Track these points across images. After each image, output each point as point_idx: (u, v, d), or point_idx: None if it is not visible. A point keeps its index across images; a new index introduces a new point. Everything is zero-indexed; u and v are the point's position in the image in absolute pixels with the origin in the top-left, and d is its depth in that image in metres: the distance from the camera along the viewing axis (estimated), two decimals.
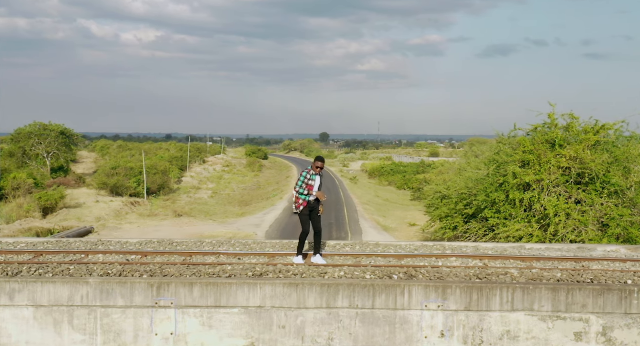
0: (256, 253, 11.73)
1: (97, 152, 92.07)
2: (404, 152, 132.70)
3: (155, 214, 54.99)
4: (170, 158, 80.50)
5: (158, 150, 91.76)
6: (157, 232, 46.77)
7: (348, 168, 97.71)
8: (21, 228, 45.96)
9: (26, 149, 69.16)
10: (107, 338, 9.44)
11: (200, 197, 68.82)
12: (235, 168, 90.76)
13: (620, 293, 9.43)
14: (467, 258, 11.63)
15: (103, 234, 45.78)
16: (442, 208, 40.14)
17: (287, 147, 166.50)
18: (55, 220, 49.84)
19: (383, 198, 73.35)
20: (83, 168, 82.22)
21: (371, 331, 9.52)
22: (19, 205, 51.74)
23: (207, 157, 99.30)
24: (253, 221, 53.38)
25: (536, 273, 10.41)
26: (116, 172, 65.41)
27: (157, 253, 11.67)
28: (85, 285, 9.37)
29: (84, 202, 57.16)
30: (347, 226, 49.44)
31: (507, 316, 9.51)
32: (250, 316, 9.48)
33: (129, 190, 62.72)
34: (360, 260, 11.46)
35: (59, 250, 11.76)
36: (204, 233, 46.05)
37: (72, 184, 65.02)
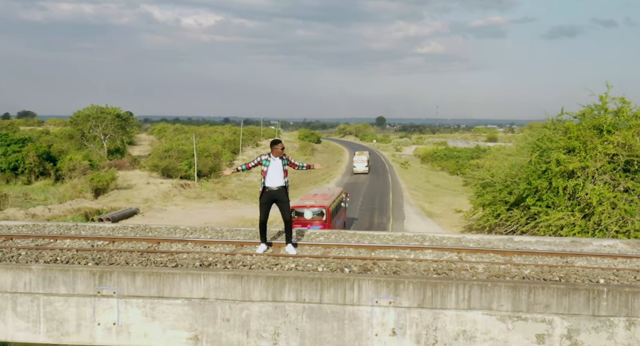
0: (225, 241, 11.42)
1: (155, 135, 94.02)
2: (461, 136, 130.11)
3: (201, 196, 55.71)
4: (224, 141, 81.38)
5: (212, 133, 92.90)
6: (200, 214, 47.38)
7: (400, 152, 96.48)
8: (70, 207, 47.36)
9: (84, 131, 71.17)
10: (50, 326, 9.33)
11: (250, 180, 69.29)
12: (287, 152, 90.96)
13: (587, 293, 8.64)
14: (444, 251, 11.00)
15: (147, 215, 46.68)
16: (485, 196, 39.01)
17: (342, 131, 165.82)
18: (105, 201, 51.15)
19: (433, 183, 72.15)
20: (139, 150, 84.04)
21: (319, 326, 9.07)
22: (73, 186, 53.38)
23: (260, 141, 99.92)
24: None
25: (503, 269, 9.71)
26: (168, 155, 66.63)
27: (125, 239, 11.51)
28: (28, 272, 9.26)
29: (135, 184, 58.45)
30: (390, 211, 48.82)
31: (463, 315, 8.87)
32: (194, 308, 9.17)
33: (180, 172, 63.79)
34: (329, 251, 10.99)
35: (30, 234, 11.75)
36: (245, 216, 46.30)
37: (126, 166, 66.61)
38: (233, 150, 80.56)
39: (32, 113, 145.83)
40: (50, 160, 59.53)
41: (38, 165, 57.81)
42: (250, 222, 44.21)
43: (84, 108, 70.37)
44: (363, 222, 43.72)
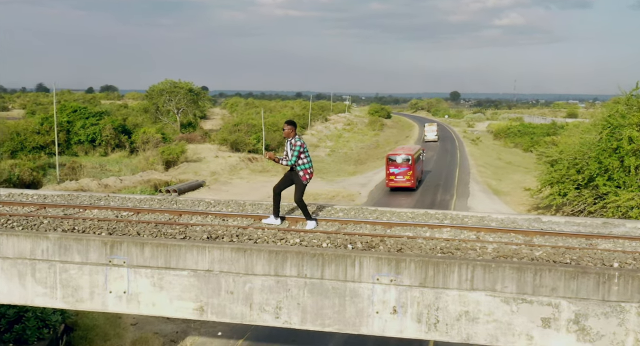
0: (244, 215, 11.53)
1: (228, 109, 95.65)
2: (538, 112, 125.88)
3: (266, 170, 56.42)
4: (293, 116, 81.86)
5: (283, 108, 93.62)
6: (263, 188, 48.01)
7: (473, 128, 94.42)
8: (141, 179, 48.96)
9: (159, 105, 73.14)
10: (66, 292, 9.73)
11: (317, 155, 69.63)
12: (356, 127, 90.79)
13: (597, 276, 8.25)
14: (462, 230, 10.73)
15: (213, 188, 47.74)
16: (552, 174, 37.73)
17: (414, 106, 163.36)
18: (174, 173, 52.62)
19: (505, 160, 70.33)
20: (211, 124, 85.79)
21: (320, 302, 9.06)
22: (146, 158, 55.20)
23: (329, 115, 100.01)
24: (361, 180, 53.32)
25: (514, 250, 9.38)
26: (238, 129, 67.70)
27: (149, 211, 11.81)
28: (45, 240, 9.66)
29: (204, 157, 59.81)
30: (455, 188, 48.02)
31: (465, 296, 8.66)
32: (199, 280, 9.35)
33: (248, 146, 64.73)
34: (345, 227, 10.92)
35: (61, 204, 12.24)
36: (307, 191, 46.64)
37: (197, 139, 68.18)
38: (302, 124, 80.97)
39: (113, 88, 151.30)
40: (126, 132, 61.62)
41: (114, 138, 59.95)
42: (312, 196, 44.50)
43: (159, 82, 72.39)
44: (425, 199, 43.22)
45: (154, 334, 21.48)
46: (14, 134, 58.56)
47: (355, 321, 8.99)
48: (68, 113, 61.44)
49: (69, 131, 60.44)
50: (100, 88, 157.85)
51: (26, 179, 42.98)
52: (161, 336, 21.53)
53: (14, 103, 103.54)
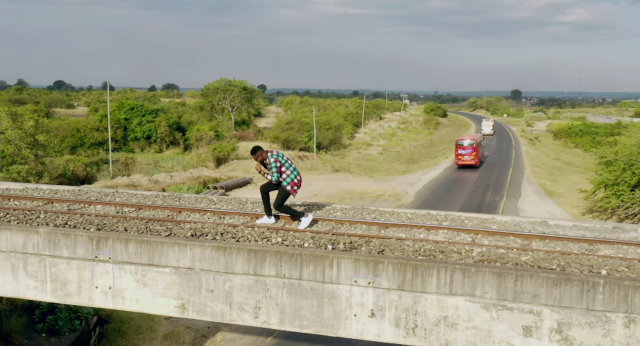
0: (243, 213, 11.48)
1: (283, 107, 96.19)
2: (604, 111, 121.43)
3: (315, 168, 56.46)
4: (347, 114, 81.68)
5: (337, 106, 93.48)
6: (309, 186, 48.02)
7: (532, 127, 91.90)
8: (191, 175, 49.81)
9: (214, 103, 74.24)
10: (55, 286, 9.89)
11: (369, 153, 69.29)
12: (410, 126, 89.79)
13: (581, 284, 7.80)
14: (459, 232, 10.37)
15: (259, 184, 48.13)
16: (606, 175, 36.40)
17: (472, 105, 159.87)
18: (224, 170, 53.33)
19: (563, 161, 68.25)
20: (265, 122, 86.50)
21: (298, 303, 8.91)
22: (198, 155, 56.19)
23: (384, 114, 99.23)
24: (410, 179, 52.71)
25: (501, 254, 8.98)
26: (290, 127, 68.02)
27: (151, 207, 11.91)
28: (36, 234, 9.85)
29: None
30: (505, 189, 46.88)
31: (444, 300, 8.35)
32: (181, 277, 9.34)
33: (300, 144, 64.94)
34: (339, 227, 10.73)
35: (68, 199, 12.48)
36: (354, 189, 46.40)
37: (250, 137, 68.89)
38: (355, 123, 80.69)
39: (174, 86, 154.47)
40: (180, 130, 62.80)
41: (168, 135, 61.21)
42: (358, 195, 44.28)
43: (214, 81, 73.45)
44: (473, 199, 42.37)
45: (186, 328, 21.73)
46: (74, 131, 60.55)
47: (334, 324, 8.80)
48: (125, 111, 63.08)
49: (126, 128, 62.04)
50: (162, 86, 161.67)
51: (80, 174, 44.35)
52: (193, 331, 21.77)
53: (80, 101, 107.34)
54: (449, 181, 51.12)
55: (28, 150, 48.13)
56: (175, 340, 21.84)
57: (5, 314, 19.06)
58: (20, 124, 50.09)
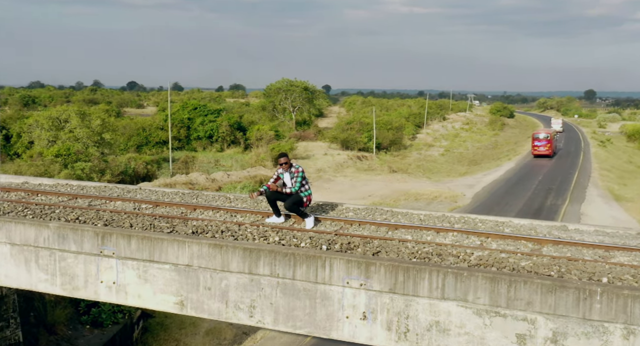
0: (256, 211, 11.47)
1: (345, 107, 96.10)
2: None
3: (372, 169, 56.14)
4: (409, 114, 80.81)
5: (400, 106, 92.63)
6: (364, 186, 47.87)
7: (604, 129, 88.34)
8: (247, 174, 50.45)
9: (275, 104, 74.95)
10: (64, 280, 10.14)
11: (430, 154, 68.34)
12: (475, 126, 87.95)
13: (577, 292, 7.39)
14: (469, 235, 10.03)
15: (315, 185, 48.08)
16: None
17: (542, 105, 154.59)
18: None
19: (636, 164, 65.40)
20: (327, 122, 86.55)
21: (291, 303, 8.81)
22: (257, 154, 56.84)
23: (448, 114, 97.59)
24: (469, 181, 51.71)
25: (500, 259, 8.61)
26: (350, 127, 67.90)
27: (167, 204, 12.06)
28: (47, 229, 10.12)
29: (314, 154, 60.54)
30: (569, 192, 45.32)
31: (436, 305, 8.07)
32: (180, 274, 9.40)
33: (359, 144, 64.73)
34: (348, 227, 10.56)
35: (92, 195, 12.80)
36: (409, 191, 45.88)
37: (311, 137, 69.14)
38: (418, 123, 79.70)
39: (241, 87, 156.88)
40: (241, 129, 63.67)
41: (229, 134, 62.14)
42: (414, 196, 43.74)
43: (276, 81, 74.15)
44: (533, 203, 41.14)
45: (229, 325, 21.98)
46: (140, 130, 62.31)
47: (326, 325, 8.66)
48: (189, 110, 64.43)
49: (189, 127, 63.36)
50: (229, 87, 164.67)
51: (141, 172, 45.55)
52: (235, 328, 22.01)
53: (149, 101, 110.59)
54: (509, 183, 49.84)
55: (95, 148, 49.88)
56: (216, 336, 22.11)
57: (51, 305, 19.72)
58: (88, 123, 51.94)
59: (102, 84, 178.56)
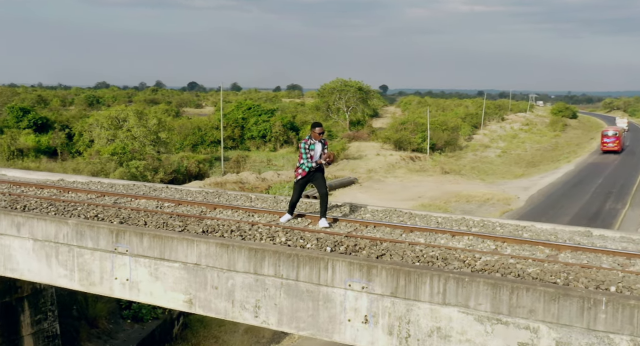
0: (274, 211, 11.45)
1: (401, 108, 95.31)
2: None
3: (423, 170, 55.49)
4: (465, 114, 79.47)
5: (457, 106, 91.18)
6: (415, 187, 47.35)
7: None
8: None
9: (330, 104, 75.05)
10: (82, 275, 10.37)
11: (486, 156, 67.04)
12: (535, 127, 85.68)
13: (581, 301, 7.07)
14: (485, 239, 9.75)
15: (365, 185, 47.96)
16: None
17: (608, 106, 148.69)
18: (332, 170, 53.71)
19: None
20: (382, 122, 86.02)
21: (295, 304, 8.76)
22: None
23: (507, 115, 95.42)
24: (525, 183, 50.49)
25: (508, 264, 8.32)
26: (404, 127, 67.35)
27: (189, 203, 12.19)
28: (66, 225, 10.38)
29: (366, 154, 60.29)
30: (630, 196, 43.68)
31: (437, 310, 7.87)
32: (189, 273, 9.47)
33: (412, 145, 64.13)
34: (362, 228, 10.44)
35: (118, 193, 13.06)
36: (460, 192, 45.10)
37: (364, 137, 68.89)
38: (474, 124, 78.28)
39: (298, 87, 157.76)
40: (294, 129, 64.02)
41: (282, 134, 62.57)
42: (465, 198, 42.98)
43: (330, 81, 74.21)
44: (590, 207, 39.84)
45: None
46: (195, 129, 63.46)
47: (328, 328, 8.57)
48: (243, 110, 65.20)
49: (243, 127, 64.12)
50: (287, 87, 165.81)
51: (193, 170, 46.39)
52: None
53: (207, 101, 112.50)
54: (567, 186, 48.44)
55: (151, 146, 51.07)
56: (255, 334, 22.26)
57: (93, 300, 20.25)
58: (145, 122, 53.21)
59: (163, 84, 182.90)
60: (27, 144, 52.44)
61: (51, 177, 15.41)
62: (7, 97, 68.51)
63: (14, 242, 10.89)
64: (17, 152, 50.97)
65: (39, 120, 58.00)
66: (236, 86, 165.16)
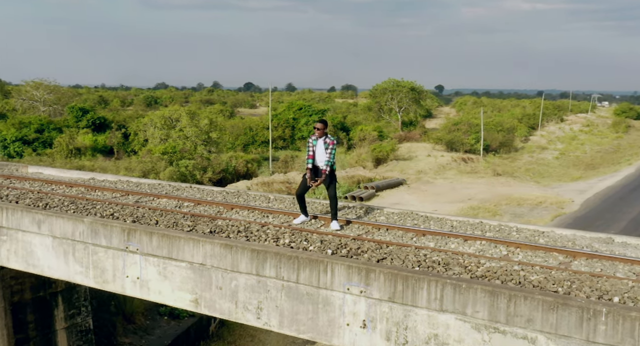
0: (289, 213, 11.41)
1: (456, 108, 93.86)
2: None
3: (475, 171, 54.45)
4: (522, 115, 77.66)
5: (514, 107, 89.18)
6: (465, 189, 46.53)
7: None
8: (345, 175, 50.50)
9: (382, 104, 74.66)
10: (96, 273, 10.55)
11: (543, 158, 65.33)
12: (595, 129, 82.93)
13: (580, 311, 6.75)
14: (498, 244, 9.45)
15: (413, 187, 47.41)
16: None
17: None
18: (381, 170, 53.38)
19: None
20: (435, 123, 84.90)
21: (295, 307, 8.68)
22: (358, 155, 56.90)
23: (567, 115, 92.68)
24: (581, 186, 49.01)
25: (512, 271, 8.01)
26: (457, 128, 66.35)
27: (207, 202, 12.26)
28: (82, 223, 10.58)
29: (417, 155, 59.62)
30: None
31: (435, 317, 7.65)
32: (195, 273, 9.51)
33: (465, 146, 63.10)
34: (373, 231, 10.27)
35: (142, 192, 13.25)
36: (512, 195, 44.05)
37: (416, 138, 68.20)
38: (532, 125, 76.37)
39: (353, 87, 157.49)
40: (344, 130, 63.93)
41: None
42: (516, 201, 41.99)
43: (382, 81, 73.75)
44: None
45: None
46: (247, 129, 64.14)
47: (328, 331, 8.46)
48: (294, 111, 65.49)
49: (294, 127, 64.40)
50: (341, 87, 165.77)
51: (241, 170, 46.84)
52: None
53: (261, 101, 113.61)
54: (626, 189, 46.80)
55: (202, 146, 51.87)
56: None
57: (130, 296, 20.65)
58: (197, 122, 54.07)
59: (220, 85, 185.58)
60: (84, 143, 53.97)
61: (84, 175, 15.78)
62: (69, 98, 70.68)
63: (35, 239, 11.17)
64: (75, 151, 52.51)
65: (97, 120, 59.63)
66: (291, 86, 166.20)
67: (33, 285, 15.11)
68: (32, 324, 15.84)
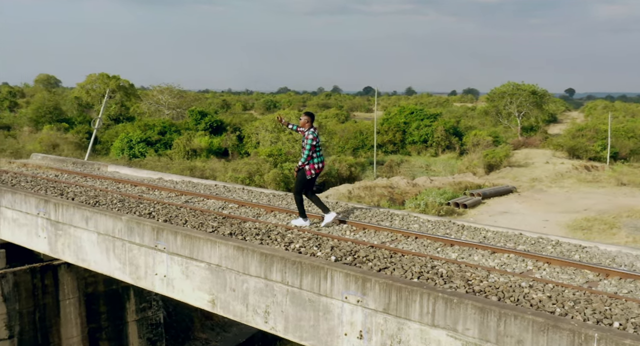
0: (315, 215, 11.25)
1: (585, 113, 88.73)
2: None
3: (596, 180, 51.14)
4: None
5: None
6: (582, 200, 43.86)
7: None
8: (452, 181, 49.26)
9: (499, 108, 72.18)
10: (132, 269, 10.91)
11: None
12: None
13: (571, 335, 6.10)
14: (526, 258, 8.79)
15: (524, 195, 45.35)
16: None
17: None
18: (492, 177, 51.58)
19: None
20: (560, 128, 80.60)
21: (299, 313, 8.51)
22: (469, 160, 55.39)
23: None
24: None
25: (518, 287, 7.38)
26: (581, 134, 62.83)
27: (252, 205, 12.34)
28: (120, 221, 10.98)
29: (533, 162, 56.99)
30: None
31: (427, 332, 7.22)
32: (212, 273, 9.58)
33: (589, 153, 59.55)
34: (400, 238, 9.90)
35: (191, 192, 13.58)
36: (635, 207, 40.90)
37: (535, 143, 65.25)
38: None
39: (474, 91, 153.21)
40: (457, 134, 62.44)
41: (444, 139, 61.29)
42: (626, 212, 39.09)
43: (501, 85, 71.07)
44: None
45: None
46: (357, 133, 64.28)
47: (327, 340, 8.23)
48: (405, 115, 64.83)
49: (405, 131, 63.74)
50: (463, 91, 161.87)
51: (344, 173, 46.99)
52: None
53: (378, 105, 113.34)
54: None
55: None
56: None
57: None
58: None
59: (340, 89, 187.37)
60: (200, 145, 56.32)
61: (152, 175, 16.42)
62: (190, 102, 74.05)
63: (84, 234, 11.74)
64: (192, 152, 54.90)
65: (214, 123, 62.01)
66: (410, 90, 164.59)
67: (106, 279, 15.90)
68: (105, 315, 16.67)
